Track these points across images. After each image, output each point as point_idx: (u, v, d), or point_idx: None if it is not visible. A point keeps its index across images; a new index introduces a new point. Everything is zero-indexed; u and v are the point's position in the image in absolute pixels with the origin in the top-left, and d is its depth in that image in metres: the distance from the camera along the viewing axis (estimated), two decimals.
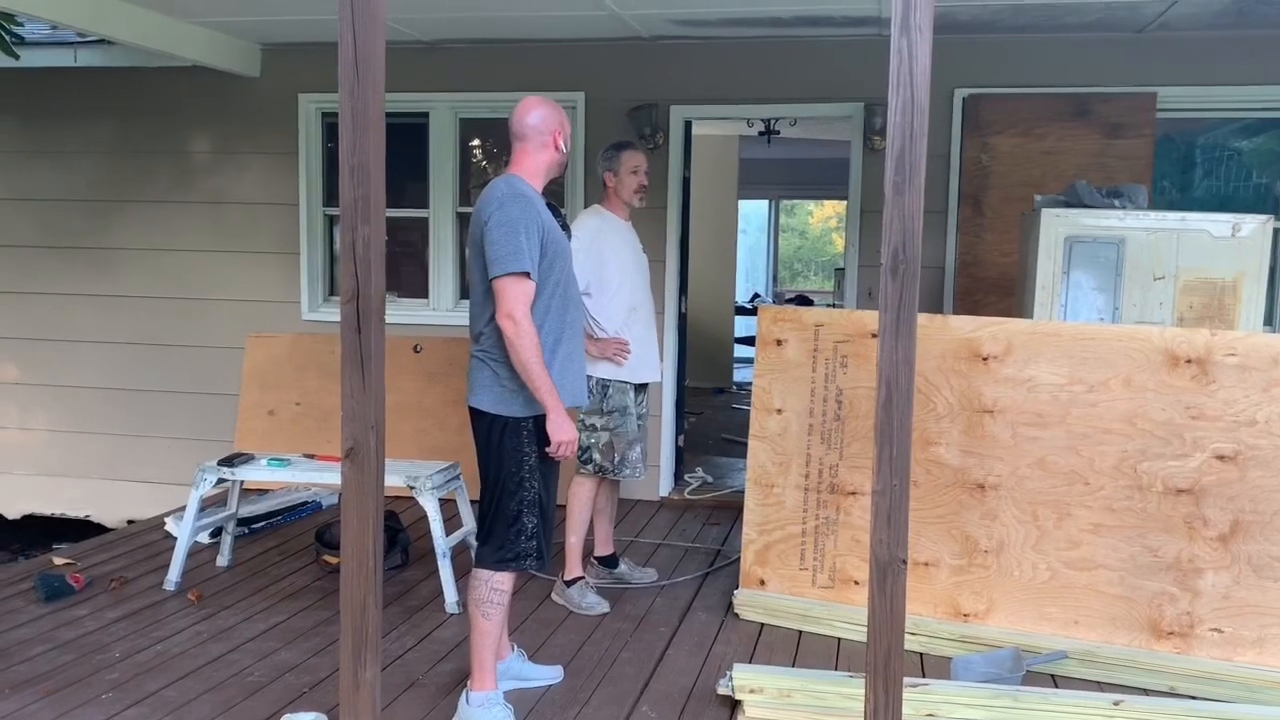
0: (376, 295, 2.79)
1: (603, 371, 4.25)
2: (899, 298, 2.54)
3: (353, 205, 2.78)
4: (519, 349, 3.00)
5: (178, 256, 6.51)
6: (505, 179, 3.14)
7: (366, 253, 2.78)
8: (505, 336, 3.01)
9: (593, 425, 4.29)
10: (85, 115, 6.52)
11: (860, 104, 5.61)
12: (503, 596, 3.16)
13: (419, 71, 6.02)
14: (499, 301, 3.01)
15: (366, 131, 2.72)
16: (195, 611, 4.16)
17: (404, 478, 4.23)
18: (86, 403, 6.70)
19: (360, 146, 2.73)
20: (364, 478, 2.81)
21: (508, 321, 3.00)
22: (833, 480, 4.16)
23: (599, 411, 4.28)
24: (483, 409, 3.12)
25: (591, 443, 4.29)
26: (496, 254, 3.00)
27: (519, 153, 3.19)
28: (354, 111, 2.74)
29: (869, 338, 4.10)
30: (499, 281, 3.01)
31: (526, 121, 3.17)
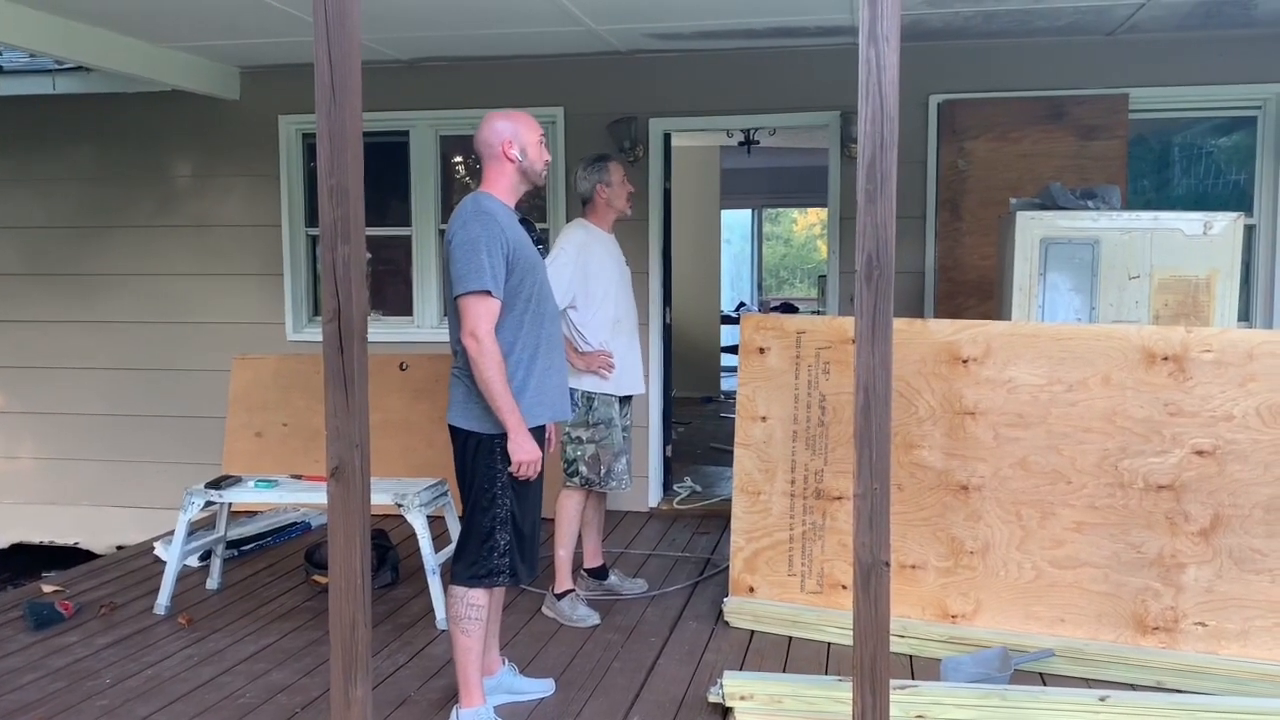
0: (358, 314, 2.81)
1: (588, 384, 4.27)
2: (874, 304, 2.57)
3: (332, 225, 2.80)
4: (481, 367, 3.02)
5: (162, 281, 6.51)
6: (473, 197, 3.15)
7: (347, 272, 2.80)
8: (469, 355, 3.04)
9: (579, 438, 4.30)
10: (66, 142, 6.53)
11: (836, 112, 5.66)
12: (480, 612, 3.17)
13: (398, 90, 6.05)
14: (462, 320, 3.04)
15: (344, 152, 2.74)
16: (186, 635, 4.16)
17: (391, 496, 4.24)
18: (73, 429, 6.69)
19: (338, 167, 2.75)
20: (350, 496, 2.82)
21: (470, 340, 3.02)
22: (818, 486, 4.19)
23: (585, 424, 4.29)
24: (458, 425, 3.15)
25: (578, 455, 4.30)
26: (458, 272, 3.03)
27: (485, 170, 3.22)
28: (331, 132, 2.76)
29: (850, 343, 4.13)
30: (462, 300, 3.03)
31: (479, 138, 3.21)
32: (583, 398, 4.28)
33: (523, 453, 3.08)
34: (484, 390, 3.04)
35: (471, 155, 6.64)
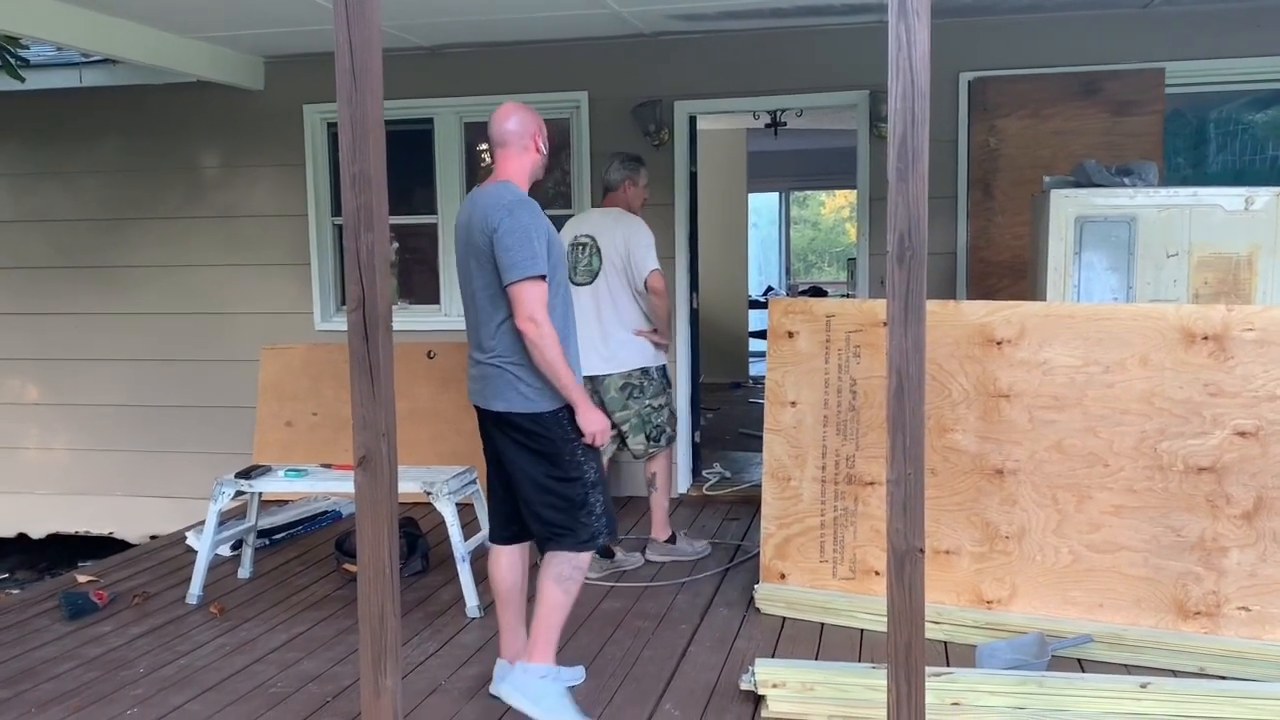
0: (382, 302, 2.79)
1: (661, 359, 4.77)
2: (906, 285, 2.52)
3: (355, 213, 2.78)
4: (544, 349, 3.05)
5: (190, 272, 6.54)
6: (502, 185, 3.16)
7: (371, 260, 2.78)
8: (528, 339, 3.05)
9: (660, 405, 4.72)
10: (93, 135, 6.56)
11: (865, 92, 5.58)
12: (582, 573, 3.26)
13: (421, 77, 6.02)
14: (518, 306, 3.05)
15: (366, 139, 2.71)
16: (218, 624, 4.18)
17: (420, 484, 4.23)
18: (106, 421, 6.75)
19: (360, 154, 2.72)
20: (377, 486, 2.81)
21: (530, 325, 3.04)
22: (850, 471, 4.13)
23: (662, 392, 4.75)
24: (514, 411, 3.15)
25: (663, 420, 4.72)
26: (514, 260, 3.03)
27: (502, 159, 3.22)
28: (353, 120, 2.73)
29: (881, 326, 4.07)
30: (518, 287, 3.04)
31: (506, 128, 3.21)
32: (658, 371, 4.73)
33: (593, 423, 3.16)
34: (548, 371, 3.07)
35: None
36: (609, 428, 3.29)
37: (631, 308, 4.61)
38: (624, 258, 4.54)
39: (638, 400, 4.63)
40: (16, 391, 6.86)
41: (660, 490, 4.81)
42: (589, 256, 4.60)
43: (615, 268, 4.56)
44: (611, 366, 4.59)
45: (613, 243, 4.56)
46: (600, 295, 4.59)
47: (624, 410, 4.62)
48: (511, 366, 3.12)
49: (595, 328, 4.56)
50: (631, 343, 4.61)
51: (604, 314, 4.59)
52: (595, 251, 4.59)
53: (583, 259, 4.62)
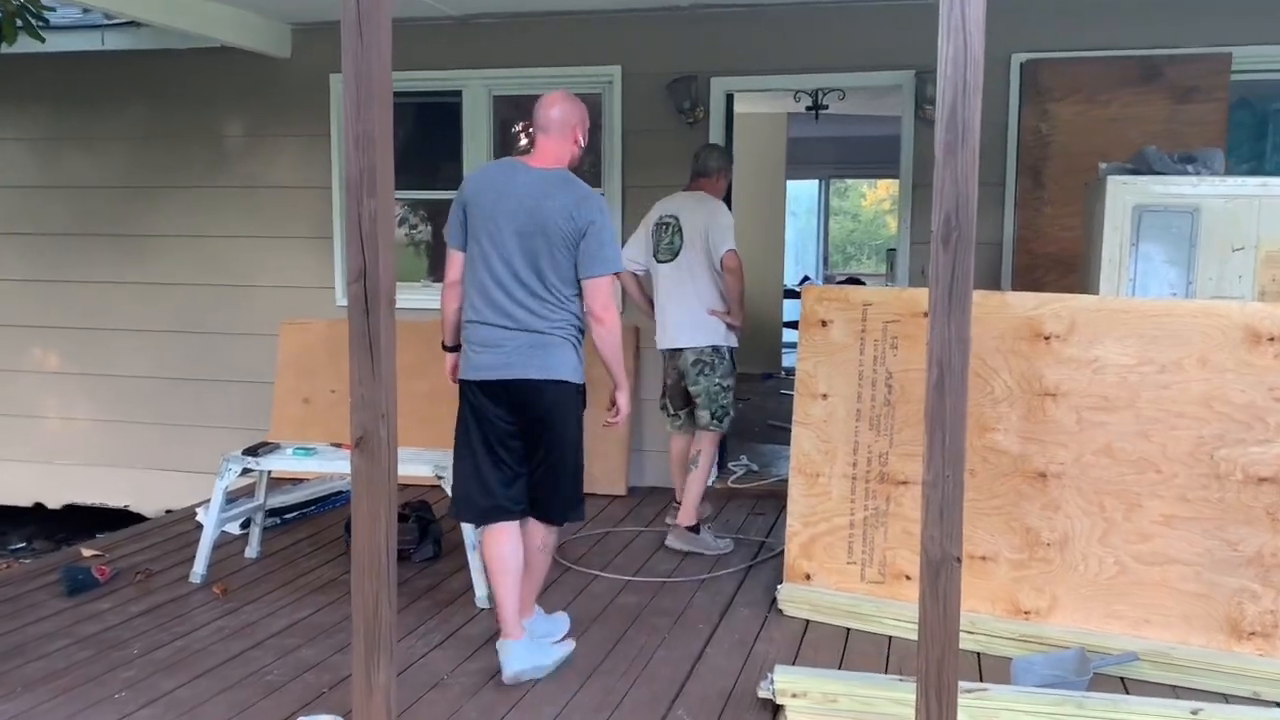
0: (385, 273, 2.61)
1: (732, 340, 4.78)
2: (951, 270, 2.30)
3: (358, 177, 2.60)
4: (615, 336, 3.30)
5: (212, 242, 6.41)
6: (564, 172, 3.31)
7: (374, 228, 2.60)
8: (605, 325, 3.27)
9: (727, 386, 4.74)
10: (116, 100, 6.44)
11: (911, 72, 5.32)
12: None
13: (450, 48, 5.84)
14: (597, 294, 3.26)
15: (371, 96, 2.53)
16: (219, 605, 4.04)
17: (432, 467, 4.06)
18: (125, 391, 6.65)
19: (365, 113, 2.54)
20: (375, 468, 2.64)
21: (608, 314, 3.27)
22: (882, 469, 3.91)
23: (730, 373, 4.76)
24: (566, 379, 3.30)
25: (727, 401, 4.74)
26: (607, 255, 3.26)
27: (544, 142, 3.33)
28: (357, 75, 2.55)
29: (921, 317, 3.84)
30: (604, 280, 3.27)
31: (550, 114, 3.32)
32: (728, 351, 4.76)
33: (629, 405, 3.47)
34: (611, 355, 3.33)
35: (526, 117, 6.43)
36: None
37: (709, 286, 4.69)
38: (703, 237, 4.65)
39: (707, 377, 4.70)
40: (38, 360, 6.78)
41: (700, 471, 4.77)
42: (671, 236, 4.73)
43: (696, 247, 4.67)
44: (686, 340, 4.72)
45: (694, 223, 4.68)
46: (680, 273, 4.70)
47: (696, 384, 4.73)
48: (572, 338, 3.30)
49: (675, 304, 4.72)
50: (706, 320, 4.70)
51: (683, 291, 4.70)
52: (678, 231, 4.71)
53: (665, 238, 4.74)
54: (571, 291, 3.28)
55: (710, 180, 4.81)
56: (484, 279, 3.25)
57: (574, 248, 3.22)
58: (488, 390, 3.30)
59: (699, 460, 4.75)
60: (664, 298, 4.75)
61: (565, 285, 3.26)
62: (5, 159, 6.70)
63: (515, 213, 3.21)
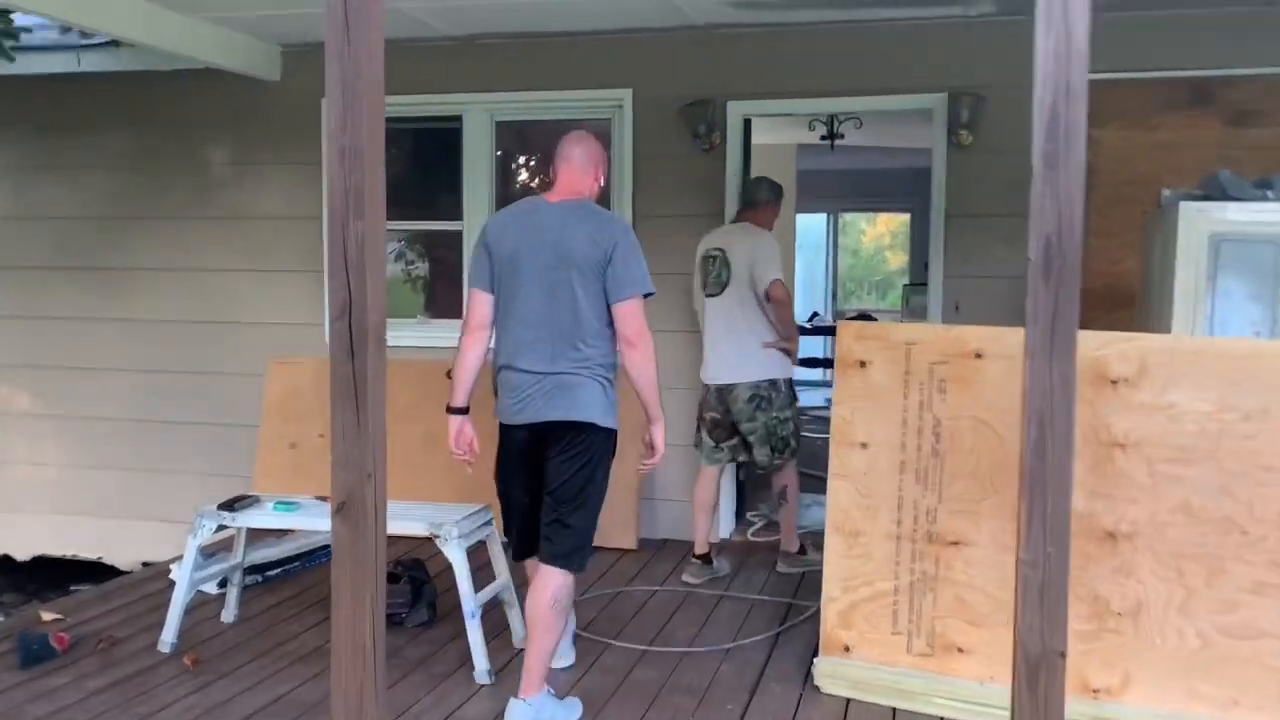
0: (374, 308, 2.23)
1: (789, 370, 4.69)
2: (1054, 304, 1.94)
3: (343, 196, 2.23)
4: (650, 363, 3.18)
5: (195, 276, 6.04)
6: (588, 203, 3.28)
7: (361, 255, 2.22)
8: (639, 351, 3.15)
9: (787, 418, 4.63)
10: (93, 126, 6.09)
11: (943, 94, 4.97)
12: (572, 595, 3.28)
13: (450, 70, 5.51)
14: (630, 321, 3.15)
15: (359, 103, 2.16)
16: (189, 680, 3.61)
17: (426, 524, 3.66)
18: (99, 435, 6.24)
19: (352, 123, 2.18)
20: (360, 541, 2.24)
21: (641, 339, 3.16)
22: (930, 527, 3.51)
23: (789, 405, 4.65)
24: (596, 422, 3.18)
25: (789, 432, 4.63)
26: (636, 275, 3.16)
27: (565, 173, 3.31)
28: (344, 80, 2.19)
29: (971, 358, 3.46)
30: (634, 303, 3.15)
31: (573, 151, 3.32)
32: (785, 383, 4.66)
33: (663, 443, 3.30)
34: (647, 385, 3.20)
35: (529, 144, 6.10)
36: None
37: (759, 318, 4.60)
38: (749, 268, 4.56)
39: (764, 412, 4.60)
40: (5, 400, 6.38)
41: (790, 503, 4.77)
42: (719, 269, 4.65)
43: (743, 280, 4.58)
44: (739, 376, 4.61)
45: (740, 255, 4.60)
46: (729, 306, 4.62)
47: (751, 421, 4.61)
48: (602, 379, 3.19)
49: (724, 338, 4.64)
50: (759, 353, 4.59)
51: (733, 325, 4.62)
52: (725, 264, 4.63)
53: (713, 271, 4.67)
54: (602, 325, 3.19)
55: (758, 212, 4.73)
56: (511, 322, 3.23)
57: (602, 274, 3.15)
58: (516, 432, 3.29)
59: (786, 494, 4.75)
60: (713, 332, 4.67)
61: (597, 319, 3.17)
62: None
63: (539, 249, 3.18)
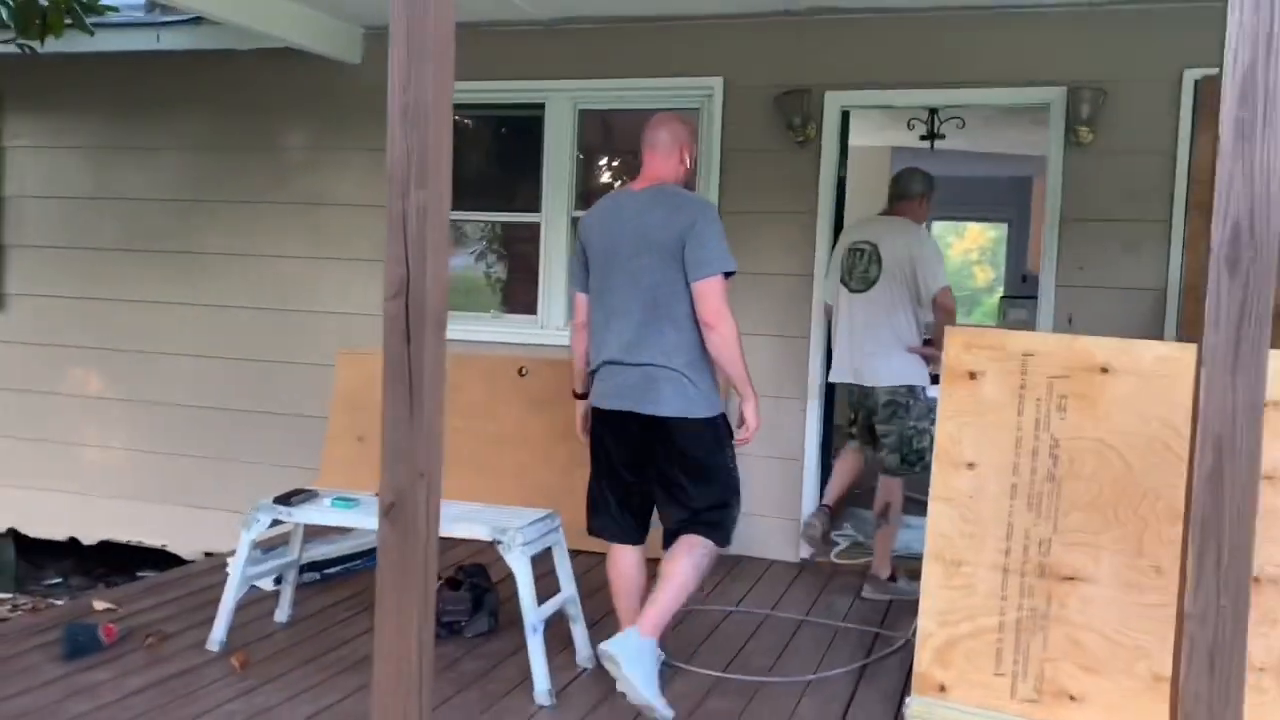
0: (435, 289, 1.98)
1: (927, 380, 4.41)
2: (1240, 304, 1.59)
3: (404, 160, 1.97)
4: (731, 341, 3.13)
5: (269, 262, 5.91)
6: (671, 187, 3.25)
7: (422, 228, 1.97)
8: (718, 332, 3.10)
9: (925, 429, 4.34)
10: (172, 106, 6.00)
11: (1062, 88, 4.59)
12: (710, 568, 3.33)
13: (533, 57, 5.28)
14: (710, 299, 3.09)
15: (425, 54, 1.91)
16: (234, 682, 3.41)
17: (489, 529, 3.41)
18: (167, 420, 6.15)
19: (417, 78, 1.92)
20: (409, 548, 1.99)
21: (720, 319, 3.10)
22: (1043, 560, 3.15)
23: (927, 414, 4.36)
24: (700, 416, 3.19)
25: (924, 445, 4.34)
26: (711, 255, 3.10)
27: (650, 158, 3.30)
28: (409, 27, 1.93)
29: (1097, 373, 3.10)
30: (712, 281, 3.10)
31: (658, 134, 3.30)
32: (923, 392, 4.41)
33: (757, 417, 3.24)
34: (732, 362, 3.15)
35: (615, 135, 5.85)
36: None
37: (908, 320, 4.36)
38: (908, 269, 4.31)
39: (900, 420, 4.37)
40: (76, 381, 6.32)
41: (891, 524, 4.47)
42: (866, 263, 4.40)
43: (895, 278, 4.32)
44: (877, 379, 4.39)
45: (895, 251, 4.34)
46: (875, 305, 4.37)
47: (886, 425, 4.41)
48: (686, 369, 3.15)
49: (864, 337, 4.39)
50: (900, 357, 4.36)
51: (875, 324, 4.36)
52: (875, 259, 4.37)
53: (859, 265, 4.42)
54: (689, 309, 3.14)
55: (913, 204, 4.51)
56: (603, 314, 3.26)
57: (680, 257, 3.11)
58: (605, 417, 3.30)
59: (889, 513, 4.44)
60: (851, 329, 4.42)
61: (682, 304, 3.13)
62: (54, 168, 6.30)
63: (625, 239, 3.20)
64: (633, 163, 6.20)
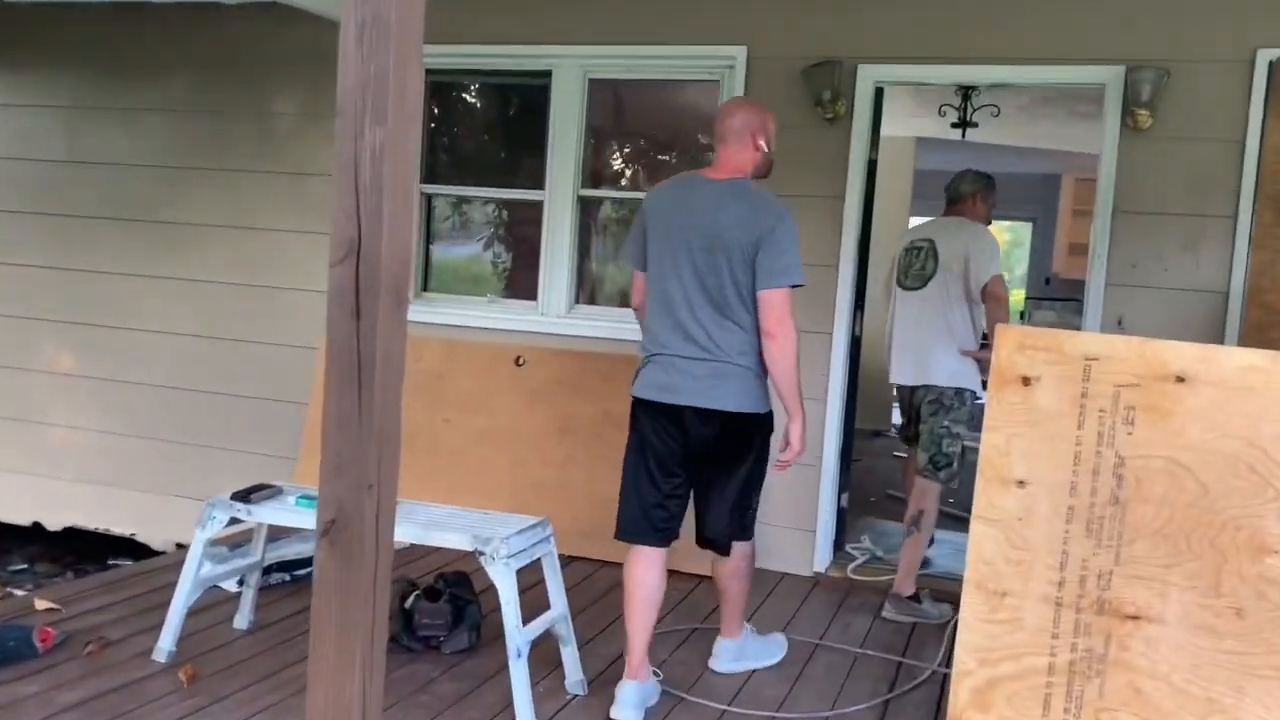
0: (394, 252, 1.61)
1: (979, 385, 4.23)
2: None
3: (358, 90, 1.61)
4: (790, 351, 3.08)
5: (255, 235, 5.52)
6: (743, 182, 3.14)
7: (377, 174, 1.60)
8: (777, 342, 3.06)
9: (958, 434, 4.24)
10: (151, 65, 5.60)
11: (1120, 67, 4.16)
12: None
13: (539, 20, 4.88)
14: (774, 309, 3.05)
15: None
16: (180, 700, 3.04)
17: (470, 537, 3.02)
18: (142, 401, 5.77)
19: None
20: (353, 576, 1.63)
21: (781, 328, 3.05)
22: (1102, 594, 2.75)
23: (968, 420, 4.23)
24: (758, 411, 3.16)
25: (954, 450, 4.22)
26: (789, 263, 3.06)
27: (723, 152, 3.19)
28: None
29: (1171, 382, 2.69)
30: (781, 291, 3.05)
31: (726, 124, 3.19)
32: (971, 397, 4.26)
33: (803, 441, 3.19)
34: (787, 374, 3.10)
35: (627, 105, 5.46)
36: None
37: (963, 320, 4.25)
38: (963, 264, 4.19)
39: (935, 418, 4.23)
40: (49, 358, 5.94)
41: (922, 533, 4.24)
42: (923, 260, 4.33)
43: (952, 273, 4.23)
44: (927, 378, 4.26)
45: (952, 247, 4.26)
46: (929, 303, 4.27)
47: (924, 422, 4.28)
48: (751, 366, 3.12)
49: (915, 335, 4.30)
50: (953, 357, 4.22)
51: (930, 322, 4.26)
52: (931, 255, 4.30)
53: (915, 263, 4.36)
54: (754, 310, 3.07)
55: (967, 205, 4.41)
56: (661, 302, 3.15)
57: (752, 260, 3.03)
58: (654, 411, 3.16)
59: (920, 521, 4.20)
60: (907, 327, 4.34)
61: (748, 305, 3.07)
62: (25, 128, 5.91)
63: (693, 229, 3.09)
64: (645, 144, 5.83)
